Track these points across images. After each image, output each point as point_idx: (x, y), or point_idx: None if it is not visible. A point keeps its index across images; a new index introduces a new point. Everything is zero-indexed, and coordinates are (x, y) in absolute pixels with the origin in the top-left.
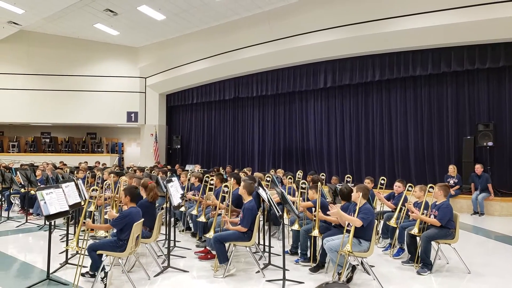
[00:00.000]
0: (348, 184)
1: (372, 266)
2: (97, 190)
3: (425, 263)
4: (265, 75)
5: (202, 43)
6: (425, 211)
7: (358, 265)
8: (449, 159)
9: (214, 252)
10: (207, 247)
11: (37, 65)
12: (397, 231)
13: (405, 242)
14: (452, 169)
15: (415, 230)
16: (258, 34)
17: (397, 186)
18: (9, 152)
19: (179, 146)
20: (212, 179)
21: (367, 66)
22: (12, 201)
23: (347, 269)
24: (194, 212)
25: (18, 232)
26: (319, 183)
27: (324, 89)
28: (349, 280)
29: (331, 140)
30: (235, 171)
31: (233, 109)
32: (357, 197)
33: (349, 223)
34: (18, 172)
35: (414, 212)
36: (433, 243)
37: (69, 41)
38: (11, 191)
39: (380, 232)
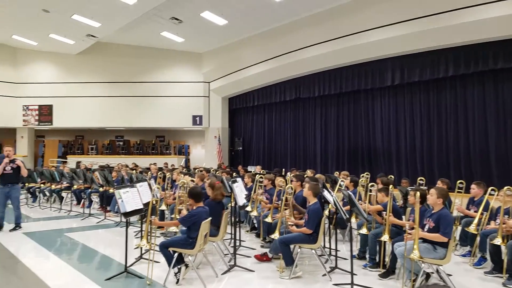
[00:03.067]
0: (421, 187)
1: (450, 275)
2: (158, 188)
3: None
4: (328, 75)
5: (263, 45)
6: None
7: (433, 273)
8: None
9: (270, 256)
10: (268, 253)
11: (110, 74)
12: (478, 238)
13: (488, 251)
14: None
15: (498, 240)
16: (319, 33)
17: (473, 189)
18: (88, 154)
19: (241, 148)
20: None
21: (439, 61)
22: (92, 199)
23: (421, 276)
24: (269, 219)
25: (98, 228)
26: (390, 185)
27: (391, 86)
28: None
29: (400, 140)
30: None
31: (294, 110)
32: (436, 202)
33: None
34: (97, 172)
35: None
36: None
37: (138, 50)
38: (91, 189)
39: (457, 238)
